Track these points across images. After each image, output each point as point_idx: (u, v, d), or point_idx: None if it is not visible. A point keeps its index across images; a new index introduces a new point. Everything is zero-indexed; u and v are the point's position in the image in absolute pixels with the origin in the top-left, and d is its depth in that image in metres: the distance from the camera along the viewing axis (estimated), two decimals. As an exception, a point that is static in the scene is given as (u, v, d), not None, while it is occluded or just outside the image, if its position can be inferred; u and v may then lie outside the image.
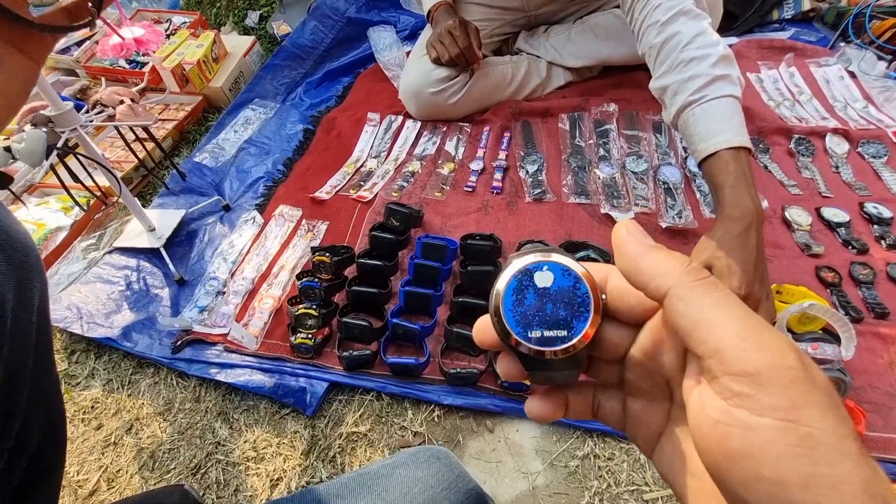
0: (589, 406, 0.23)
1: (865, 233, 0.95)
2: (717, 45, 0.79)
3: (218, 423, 0.83)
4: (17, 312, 0.35)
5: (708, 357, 0.16)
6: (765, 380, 0.15)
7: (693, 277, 0.17)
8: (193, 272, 1.02)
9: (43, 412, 0.40)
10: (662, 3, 0.84)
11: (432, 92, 1.17)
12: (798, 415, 0.15)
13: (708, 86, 0.77)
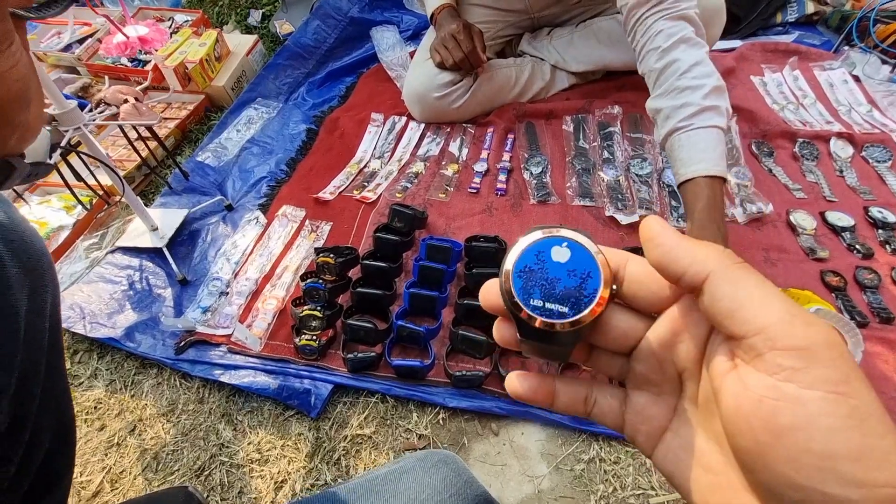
0: (581, 402, 0.23)
1: (870, 237, 0.95)
2: (711, 77, 0.83)
3: (222, 424, 0.83)
4: (30, 319, 0.35)
5: (753, 335, 0.16)
6: (815, 353, 0.15)
7: (732, 261, 0.17)
8: (196, 272, 1.01)
9: (54, 416, 0.40)
10: (664, 29, 0.86)
11: (437, 96, 1.17)
12: (848, 388, 0.15)
13: (696, 115, 0.81)
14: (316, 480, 0.76)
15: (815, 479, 0.15)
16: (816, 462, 0.15)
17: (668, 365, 0.20)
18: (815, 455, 0.15)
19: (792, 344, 0.15)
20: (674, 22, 0.86)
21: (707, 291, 0.17)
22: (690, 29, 0.87)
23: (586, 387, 0.23)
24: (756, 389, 0.16)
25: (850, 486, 0.14)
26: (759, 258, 0.92)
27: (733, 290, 0.17)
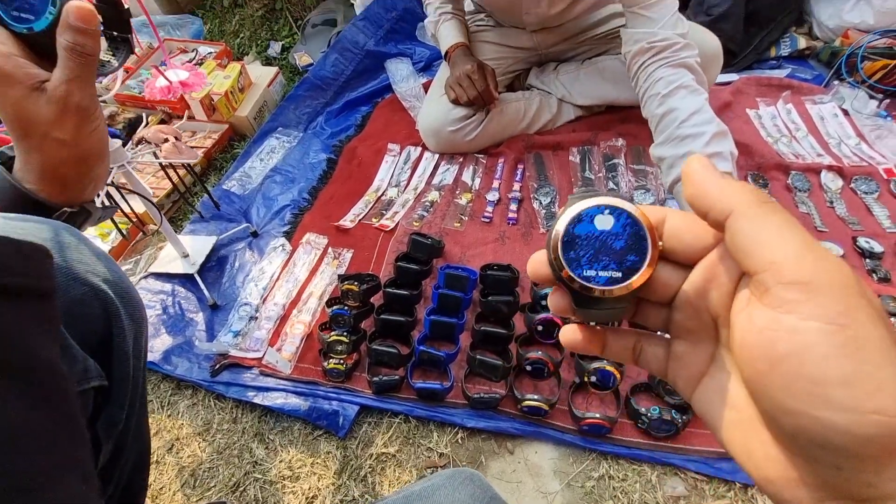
0: (629, 351, 0.24)
1: (858, 266, 1.01)
2: (712, 123, 0.88)
3: (255, 443, 0.88)
4: (134, 362, 0.41)
5: (763, 270, 0.16)
6: (818, 287, 0.15)
7: (759, 199, 0.18)
8: (226, 297, 1.08)
9: (139, 443, 0.46)
10: (664, 76, 0.92)
11: (451, 130, 1.24)
12: (847, 319, 0.15)
13: None
14: (344, 496, 0.82)
15: (806, 402, 0.15)
16: (808, 387, 0.15)
17: (703, 312, 0.21)
18: (807, 380, 0.15)
19: (797, 278, 0.16)
20: (674, 70, 0.93)
21: (729, 227, 0.18)
22: (690, 76, 0.93)
23: (634, 337, 0.24)
24: (759, 322, 0.17)
25: (837, 411, 0.15)
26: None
27: (753, 227, 0.17)
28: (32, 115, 0.34)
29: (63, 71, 0.33)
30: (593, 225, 0.21)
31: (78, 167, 0.38)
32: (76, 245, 0.39)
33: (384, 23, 1.64)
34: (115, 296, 0.40)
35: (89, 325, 0.38)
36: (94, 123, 0.36)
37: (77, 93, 0.34)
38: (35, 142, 0.35)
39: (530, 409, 0.85)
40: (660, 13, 0.95)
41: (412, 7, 1.67)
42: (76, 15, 0.32)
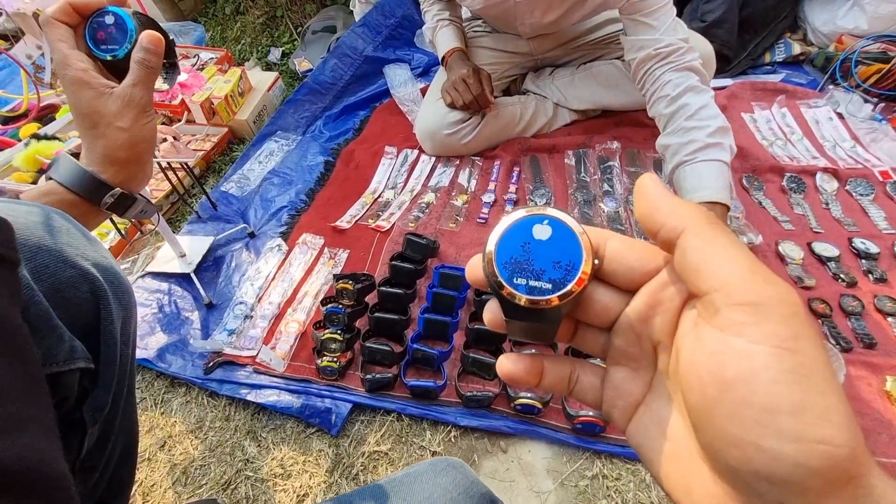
0: (566, 380, 0.23)
1: (854, 267, 1.01)
2: (717, 118, 0.92)
3: (247, 441, 0.88)
4: (122, 347, 0.41)
5: (714, 290, 0.16)
6: (768, 309, 0.15)
7: (708, 220, 0.18)
8: (221, 296, 1.08)
9: (126, 431, 0.46)
10: (672, 80, 0.95)
11: (447, 133, 1.25)
12: (796, 345, 0.15)
13: (701, 150, 0.90)
14: (336, 494, 0.81)
15: (754, 432, 0.15)
16: (756, 415, 0.15)
17: (644, 339, 0.20)
18: (756, 408, 0.15)
19: (746, 299, 0.15)
20: (680, 73, 0.96)
21: (679, 246, 0.18)
22: (696, 78, 0.96)
23: (570, 366, 0.24)
24: (708, 344, 0.16)
25: (786, 441, 0.14)
26: (750, 286, 0.99)
27: (704, 246, 0.17)
28: (101, 109, 0.44)
29: (132, 77, 0.44)
30: (530, 234, 0.21)
31: (132, 150, 0.46)
32: (67, 228, 0.40)
33: (383, 29, 1.66)
34: (105, 280, 0.40)
35: (77, 308, 0.39)
36: (148, 117, 0.46)
37: (139, 93, 0.44)
38: (101, 130, 0.44)
39: (524, 408, 0.84)
40: (660, 20, 0.97)
41: (410, 14, 1.69)
42: (148, 39, 0.44)
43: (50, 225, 0.39)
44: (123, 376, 0.43)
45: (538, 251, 0.20)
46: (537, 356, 0.23)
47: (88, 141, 0.45)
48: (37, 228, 0.38)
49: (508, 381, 0.23)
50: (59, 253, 0.38)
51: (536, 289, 0.20)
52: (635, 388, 0.21)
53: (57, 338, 0.36)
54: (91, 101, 0.43)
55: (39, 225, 0.38)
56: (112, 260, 0.43)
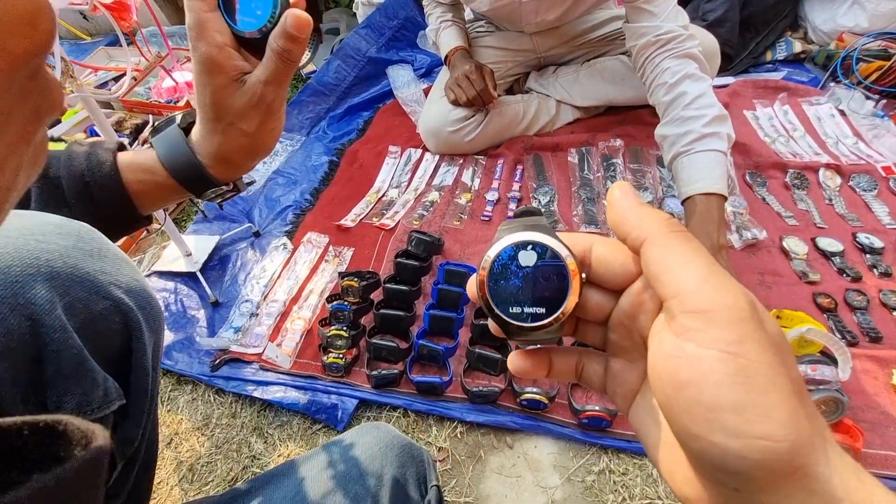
0: (573, 369, 0.25)
1: (858, 261, 1.01)
2: (713, 107, 0.92)
3: (253, 437, 0.88)
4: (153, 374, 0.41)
5: (670, 297, 0.17)
6: (715, 316, 0.16)
7: (670, 229, 0.19)
8: (227, 295, 1.09)
9: (148, 450, 0.45)
10: (671, 67, 0.96)
11: (450, 131, 1.26)
12: (740, 349, 0.16)
13: (697, 141, 0.91)
14: (343, 490, 0.81)
15: (705, 428, 0.16)
16: (705, 413, 0.16)
17: (634, 333, 0.22)
18: (704, 407, 0.16)
19: (697, 307, 0.17)
20: (679, 60, 0.97)
21: (643, 254, 0.19)
22: (695, 65, 0.97)
23: (576, 356, 0.25)
24: (667, 348, 0.18)
25: (731, 437, 0.16)
26: (755, 281, 0.99)
27: (662, 255, 0.18)
28: (227, 104, 0.36)
29: (265, 72, 0.35)
30: (517, 262, 0.21)
31: (248, 156, 0.40)
32: (98, 251, 0.38)
33: (386, 31, 1.67)
34: (137, 308, 0.39)
35: (109, 340, 0.38)
36: (276, 122, 0.39)
37: (270, 94, 0.36)
38: (221, 127, 0.38)
39: (529, 403, 0.84)
40: (661, 7, 0.98)
41: (413, 16, 1.71)
42: (294, 23, 0.33)
43: (83, 249, 0.37)
44: (151, 402, 0.42)
45: (527, 278, 0.21)
46: (544, 350, 0.25)
47: (205, 131, 0.39)
48: (70, 255, 0.36)
49: (519, 375, 0.25)
50: (92, 283, 0.36)
51: (530, 315, 0.21)
52: (632, 378, 0.23)
53: (91, 382, 0.35)
54: (218, 92, 0.36)
55: (72, 249, 0.36)
56: (143, 281, 0.41)
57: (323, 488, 0.45)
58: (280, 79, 0.36)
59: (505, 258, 0.21)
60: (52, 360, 0.33)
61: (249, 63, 0.36)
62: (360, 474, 0.45)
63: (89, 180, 0.40)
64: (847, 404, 0.75)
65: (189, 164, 0.39)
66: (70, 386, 0.34)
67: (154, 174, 0.40)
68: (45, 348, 0.33)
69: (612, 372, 0.23)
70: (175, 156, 0.39)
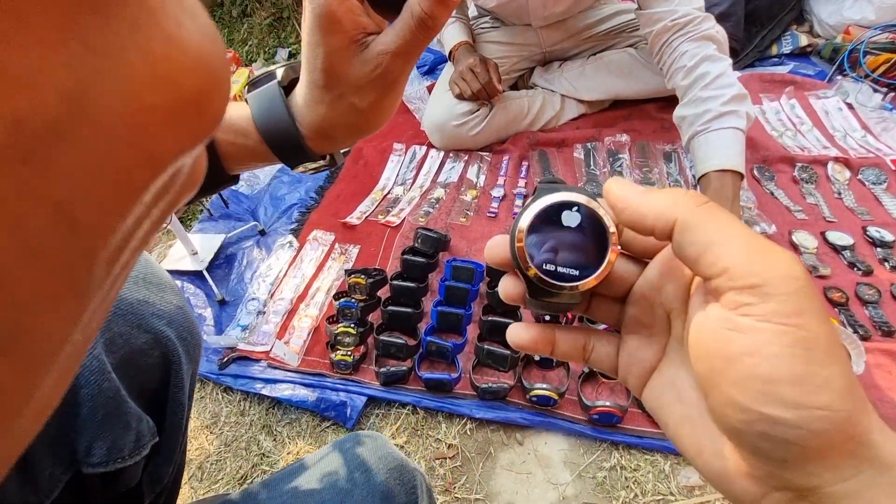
0: (580, 349, 0.23)
1: (869, 255, 1.00)
2: (732, 87, 0.92)
3: (262, 435, 0.88)
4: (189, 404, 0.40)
5: (716, 276, 0.17)
6: (770, 289, 0.16)
7: (695, 203, 0.18)
8: (234, 293, 1.08)
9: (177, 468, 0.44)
10: (689, 50, 0.96)
11: (455, 125, 1.25)
12: (799, 321, 0.16)
13: (715, 119, 0.91)
14: (352, 488, 0.81)
15: (758, 400, 0.16)
16: (760, 385, 0.16)
17: (657, 306, 0.21)
18: (760, 379, 0.16)
19: (749, 282, 0.16)
20: (697, 43, 0.96)
21: (675, 240, 0.18)
22: (713, 46, 0.96)
23: (584, 335, 0.23)
24: (714, 320, 0.17)
25: (788, 408, 0.16)
26: (765, 276, 0.98)
27: (696, 235, 0.17)
28: (341, 72, 0.29)
29: (396, 40, 0.27)
30: (559, 220, 0.21)
31: (353, 133, 0.33)
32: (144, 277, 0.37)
33: (389, 28, 1.67)
34: (178, 339, 0.38)
35: (147, 375, 0.37)
36: (394, 101, 0.32)
37: (398, 68, 0.29)
38: (329, 97, 0.31)
39: (539, 399, 0.84)
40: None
41: (416, 13, 1.70)
42: None
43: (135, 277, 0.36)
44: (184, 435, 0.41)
45: (567, 237, 0.21)
46: (548, 325, 0.24)
47: (310, 98, 0.31)
48: None
49: (519, 347, 0.23)
50: (135, 315, 0.35)
51: (565, 275, 0.21)
52: (649, 355, 0.22)
53: (124, 427, 0.34)
54: (334, 54, 0.28)
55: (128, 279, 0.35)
56: (185, 307, 0.40)
57: None
58: (413, 51, 0.28)
59: (550, 213, 0.21)
60: (87, 404, 0.32)
61: (375, 24, 0.29)
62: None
63: None
64: (861, 398, 0.75)
65: (286, 132, 0.33)
66: (101, 432, 0.32)
67: (246, 137, 0.34)
68: (81, 391, 0.31)
69: (627, 350, 0.23)
70: (272, 121, 0.33)
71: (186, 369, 0.39)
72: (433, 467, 0.82)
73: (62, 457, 0.32)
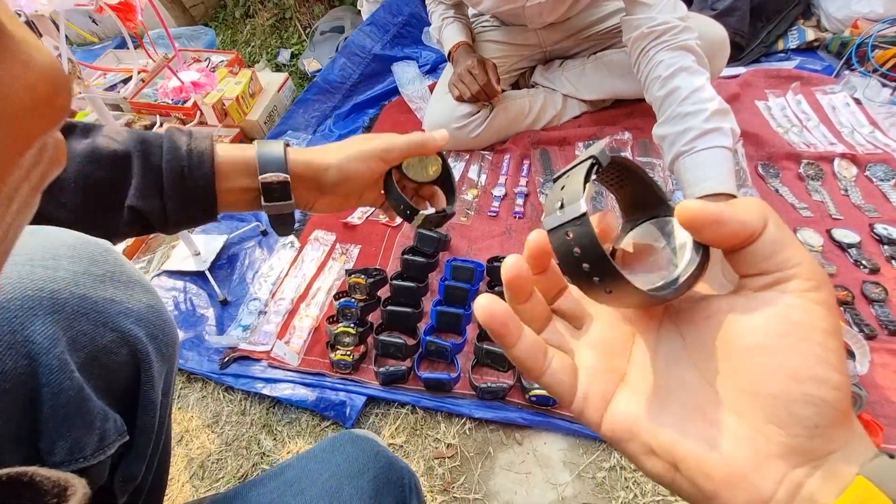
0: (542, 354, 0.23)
1: (876, 253, 0.99)
2: (712, 101, 0.87)
3: (263, 434, 0.89)
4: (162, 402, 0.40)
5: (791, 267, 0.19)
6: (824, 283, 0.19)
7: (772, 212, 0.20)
8: (236, 293, 1.09)
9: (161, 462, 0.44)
10: (664, 59, 0.92)
11: (456, 127, 1.25)
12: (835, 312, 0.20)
13: (698, 138, 0.86)
14: (352, 487, 0.81)
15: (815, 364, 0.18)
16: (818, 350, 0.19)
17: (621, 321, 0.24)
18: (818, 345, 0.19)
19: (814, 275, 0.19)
20: (673, 52, 0.93)
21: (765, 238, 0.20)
22: (691, 58, 0.93)
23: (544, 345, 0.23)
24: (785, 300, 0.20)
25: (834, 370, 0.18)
26: (768, 274, 0.97)
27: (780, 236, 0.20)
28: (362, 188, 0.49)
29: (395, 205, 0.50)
30: None
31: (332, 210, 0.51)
32: (111, 275, 0.37)
33: (390, 27, 1.67)
34: (148, 337, 0.38)
35: (115, 374, 0.36)
36: None
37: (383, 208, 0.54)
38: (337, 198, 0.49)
39: (538, 399, 0.83)
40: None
41: (417, 12, 1.70)
42: None
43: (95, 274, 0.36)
44: (160, 433, 0.41)
45: None
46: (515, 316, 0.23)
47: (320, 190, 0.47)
48: (80, 282, 0.35)
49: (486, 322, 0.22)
50: (99, 313, 0.35)
51: None
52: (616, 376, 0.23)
53: (87, 427, 0.34)
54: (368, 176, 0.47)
55: (83, 275, 0.35)
56: (158, 304, 0.40)
57: None
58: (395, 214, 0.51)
59: None
60: (48, 402, 0.32)
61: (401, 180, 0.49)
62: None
63: (187, 176, 0.42)
64: (865, 399, 0.74)
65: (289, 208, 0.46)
66: (63, 431, 0.32)
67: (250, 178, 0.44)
68: (42, 389, 0.32)
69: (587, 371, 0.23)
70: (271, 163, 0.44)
71: (158, 368, 0.39)
72: (432, 467, 0.82)
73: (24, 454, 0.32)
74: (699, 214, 0.20)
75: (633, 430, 0.21)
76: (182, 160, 0.41)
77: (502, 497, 0.79)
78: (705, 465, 0.19)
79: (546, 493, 0.79)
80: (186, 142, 0.43)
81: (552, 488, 0.79)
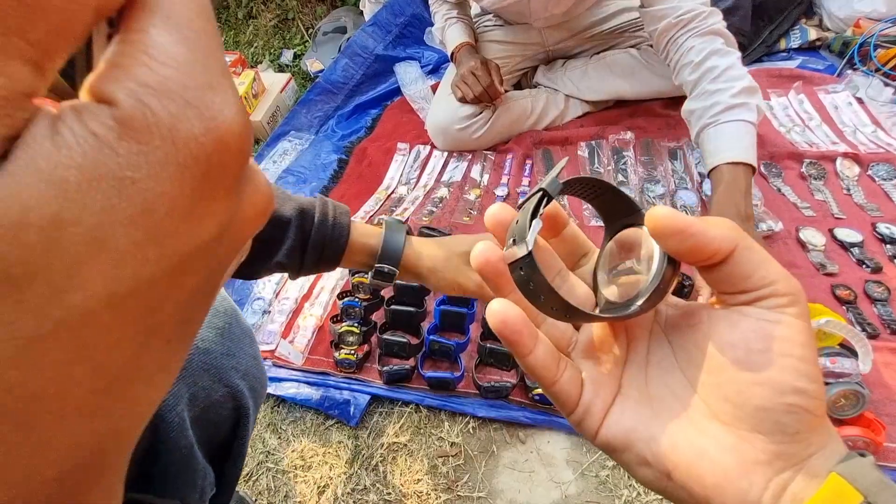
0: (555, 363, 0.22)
1: (879, 252, 0.99)
2: (742, 79, 0.90)
3: (267, 433, 0.89)
4: None
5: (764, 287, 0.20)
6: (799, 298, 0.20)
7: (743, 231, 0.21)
8: (239, 293, 1.10)
9: None
10: (695, 45, 0.94)
11: (458, 128, 1.25)
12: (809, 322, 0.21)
13: (724, 112, 0.89)
14: (356, 485, 0.82)
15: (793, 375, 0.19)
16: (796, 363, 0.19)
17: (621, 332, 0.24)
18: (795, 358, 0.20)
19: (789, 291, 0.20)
20: (703, 38, 0.95)
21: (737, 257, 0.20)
22: (720, 41, 0.95)
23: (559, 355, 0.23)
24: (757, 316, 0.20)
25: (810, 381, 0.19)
26: (771, 273, 0.97)
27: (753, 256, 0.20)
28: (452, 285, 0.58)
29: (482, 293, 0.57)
30: None
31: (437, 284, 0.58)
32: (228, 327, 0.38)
33: (393, 28, 1.67)
34: (249, 391, 0.39)
35: (217, 427, 0.38)
36: None
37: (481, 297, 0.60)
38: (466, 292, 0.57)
39: (542, 398, 0.84)
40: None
41: (419, 12, 1.70)
42: None
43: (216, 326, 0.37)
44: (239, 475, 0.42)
45: None
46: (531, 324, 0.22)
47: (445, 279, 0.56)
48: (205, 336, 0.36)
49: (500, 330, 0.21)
50: (217, 369, 0.36)
51: None
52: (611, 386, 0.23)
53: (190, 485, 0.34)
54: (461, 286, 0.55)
55: (208, 329, 0.37)
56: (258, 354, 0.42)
57: None
58: None
59: None
60: (162, 458, 0.33)
61: None
62: None
63: (327, 245, 0.49)
64: (868, 398, 0.74)
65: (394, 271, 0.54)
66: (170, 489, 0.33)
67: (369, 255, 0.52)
68: (160, 444, 0.32)
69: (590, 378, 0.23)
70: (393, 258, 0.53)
71: (253, 421, 0.41)
72: (436, 465, 0.83)
73: None
74: (667, 222, 0.20)
75: (629, 441, 0.21)
76: (326, 231, 0.49)
77: (506, 495, 0.79)
78: (696, 472, 0.20)
79: (549, 491, 0.79)
80: (332, 215, 0.52)
81: (556, 486, 0.80)
